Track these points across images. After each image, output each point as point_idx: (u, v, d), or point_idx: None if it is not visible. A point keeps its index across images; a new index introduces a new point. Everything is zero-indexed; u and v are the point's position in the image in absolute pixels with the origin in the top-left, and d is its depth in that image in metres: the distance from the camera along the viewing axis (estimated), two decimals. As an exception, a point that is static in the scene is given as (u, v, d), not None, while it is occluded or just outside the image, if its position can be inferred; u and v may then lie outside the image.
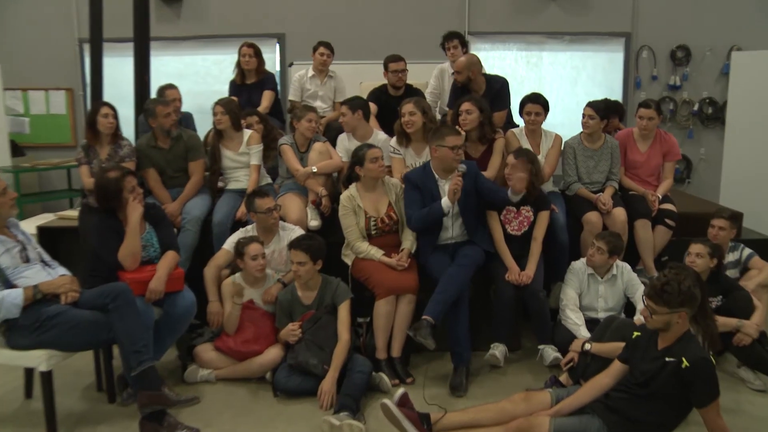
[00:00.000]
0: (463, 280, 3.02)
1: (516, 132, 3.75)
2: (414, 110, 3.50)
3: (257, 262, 3.08)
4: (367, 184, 3.27)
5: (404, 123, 3.51)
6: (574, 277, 3.25)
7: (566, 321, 3.13)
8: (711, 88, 5.99)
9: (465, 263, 3.09)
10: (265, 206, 3.19)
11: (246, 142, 3.72)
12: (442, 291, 2.96)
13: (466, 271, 3.06)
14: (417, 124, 3.50)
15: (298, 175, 3.59)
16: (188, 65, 6.05)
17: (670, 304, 2.20)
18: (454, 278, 2.99)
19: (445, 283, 2.99)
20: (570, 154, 3.73)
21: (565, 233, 3.45)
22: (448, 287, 2.96)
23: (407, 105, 3.52)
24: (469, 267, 3.09)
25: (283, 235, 3.27)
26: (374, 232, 3.24)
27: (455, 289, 2.97)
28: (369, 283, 3.12)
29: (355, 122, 3.71)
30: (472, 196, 3.20)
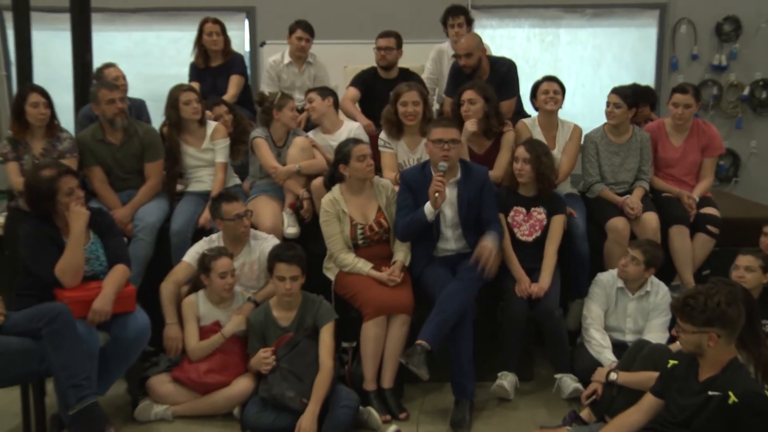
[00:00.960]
0: (465, 297, 3.02)
1: (528, 123, 3.77)
2: (419, 100, 3.55)
3: (225, 281, 3.08)
4: (353, 185, 3.27)
5: (404, 113, 3.54)
6: (600, 291, 3.27)
7: (589, 343, 3.15)
8: (766, 68, 5.87)
9: (468, 278, 3.08)
10: (234, 212, 3.19)
11: (210, 137, 3.73)
12: (440, 311, 2.96)
13: (469, 288, 3.06)
14: (420, 115, 3.55)
15: (278, 174, 3.59)
16: (138, 43, 5.96)
17: (694, 322, 2.21)
18: (454, 296, 2.99)
19: (444, 301, 2.98)
20: (592, 149, 3.72)
21: (585, 243, 3.47)
22: (448, 306, 2.96)
23: (410, 93, 3.54)
24: (472, 282, 3.07)
25: (255, 246, 3.27)
26: (361, 241, 3.25)
27: (456, 309, 2.96)
28: (355, 301, 3.13)
29: (324, 109, 3.81)
30: (475, 204, 3.19)
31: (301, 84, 4.49)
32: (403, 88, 3.59)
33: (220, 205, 3.21)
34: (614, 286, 3.27)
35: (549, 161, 3.32)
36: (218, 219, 3.23)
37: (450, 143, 3.12)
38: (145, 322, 2.89)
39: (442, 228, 3.22)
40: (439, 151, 3.12)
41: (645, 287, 3.24)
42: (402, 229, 3.21)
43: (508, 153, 3.62)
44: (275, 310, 3.06)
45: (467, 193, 3.20)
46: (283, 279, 2.97)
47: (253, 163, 3.84)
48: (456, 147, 3.15)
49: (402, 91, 3.58)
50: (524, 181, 3.36)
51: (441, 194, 3.06)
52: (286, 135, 3.77)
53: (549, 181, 3.33)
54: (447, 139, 3.12)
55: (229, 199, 3.23)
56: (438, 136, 3.13)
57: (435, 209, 3.09)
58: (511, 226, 3.36)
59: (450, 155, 3.11)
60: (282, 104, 3.69)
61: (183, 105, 3.67)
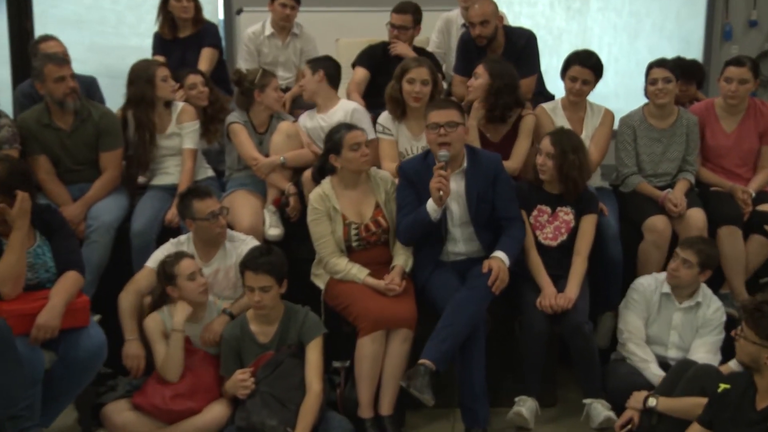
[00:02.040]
0: (477, 309, 3.06)
1: (548, 107, 3.79)
2: (428, 79, 3.57)
3: (197, 282, 3.09)
4: (347, 178, 3.31)
5: (409, 92, 3.56)
6: (639, 298, 3.28)
7: (631, 358, 3.18)
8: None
9: (479, 286, 3.10)
10: (208, 209, 3.20)
11: (176, 119, 3.77)
12: (447, 325, 2.99)
13: (482, 297, 3.08)
14: (428, 96, 3.58)
15: (259, 167, 3.63)
16: (91, 8, 5.85)
17: (761, 332, 2.26)
18: (464, 307, 3.03)
19: (452, 313, 3.02)
20: (628, 135, 3.75)
21: (618, 245, 3.49)
22: (456, 320, 3.00)
23: (419, 69, 3.56)
24: (484, 291, 3.09)
25: (231, 249, 3.30)
26: (356, 243, 3.28)
27: (466, 322, 3.00)
28: (349, 313, 3.16)
29: (314, 86, 3.82)
30: (488, 198, 3.23)
31: (285, 59, 4.51)
32: (411, 63, 3.63)
33: (190, 203, 3.22)
34: (657, 291, 3.29)
35: (578, 159, 3.31)
36: (188, 219, 3.25)
37: (447, 127, 3.13)
38: (100, 339, 2.91)
39: (449, 227, 3.26)
40: (435, 138, 3.14)
41: (696, 297, 3.26)
42: (404, 231, 3.25)
43: (527, 140, 3.65)
44: (253, 324, 3.08)
45: (476, 185, 3.24)
46: (252, 290, 2.99)
47: (229, 153, 3.86)
48: (455, 131, 3.15)
49: (410, 66, 3.60)
50: (546, 178, 3.38)
51: (444, 190, 3.07)
52: (268, 119, 3.80)
53: (574, 184, 3.33)
54: (443, 123, 3.13)
55: (201, 194, 3.24)
56: (433, 119, 3.16)
57: (439, 207, 3.11)
58: (533, 227, 3.38)
59: (449, 141, 3.13)
60: (264, 83, 3.71)
61: (161, 82, 3.71)
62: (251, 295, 3.02)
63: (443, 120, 3.15)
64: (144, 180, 3.87)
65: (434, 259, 3.28)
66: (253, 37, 4.51)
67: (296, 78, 4.51)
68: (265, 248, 3.15)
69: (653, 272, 3.42)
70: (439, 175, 3.08)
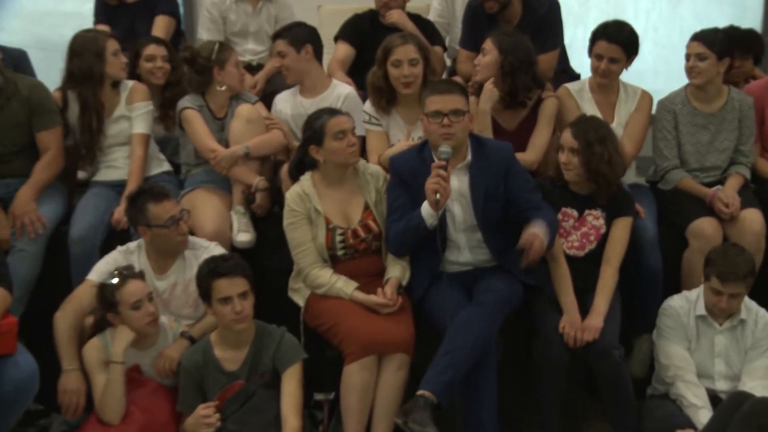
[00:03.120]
0: (486, 330, 3.07)
1: (573, 89, 3.81)
2: (417, 57, 3.59)
3: (144, 311, 3.05)
4: (330, 174, 3.32)
5: (396, 78, 3.57)
6: (673, 323, 3.28)
7: (680, 401, 3.14)
8: None
9: (488, 302, 3.13)
10: (167, 214, 3.20)
11: (125, 99, 3.77)
12: (450, 349, 3.00)
13: (491, 316, 3.10)
14: (420, 79, 3.60)
15: (219, 160, 3.63)
16: None
17: None
18: (470, 327, 3.04)
19: (457, 335, 3.02)
20: (668, 121, 3.76)
21: (656, 253, 3.52)
22: (461, 343, 3.00)
23: (405, 47, 3.57)
24: (495, 308, 3.12)
25: (191, 259, 3.29)
26: (342, 252, 3.30)
27: (472, 347, 3.01)
28: (334, 335, 3.18)
29: (302, 65, 3.83)
30: (498, 196, 3.24)
31: (256, 29, 4.53)
32: (395, 41, 3.62)
33: (144, 207, 3.20)
34: (691, 314, 3.28)
35: (607, 151, 3.29)
36: (142, 226, 3.23)
37: (451, 116, 3.14)
38: (30, 368, 2.91)
39: (450, 233, 3.27)
40: (437, 129, 3.16)
41: (738, 314, 3.24)
42: (394, 239, 3.27)
43: (548, 128, 3.66)
44: (218, 349, 3.07)
45: (484, 182, 3.23)
46: (229, 300, 2.98)
47: (184, 145, 3.87)
48: (461, 120, 3.16)
49: (393, 45, 3.61)
50: (571, 177, 3.38)
51: (443, 193, 3.05)
52: (229, 102, 3.81)
53: (606, 182, 3.33)
54: (447, 111, 3.14)
55: (158, 196, 3.23)
56: (434, 106, 3.16)
57: (436, 211, 3.10)
58: (557, 235, 3.38)
59: (453, 133, 3.14)
60: (223, 58, 3.72)
61: (112, 57, 3.73)
62: (228, 307, 2.99)
63: (447, 107, 3.15)
64: (85, 175, 3.89)
65: (434, 269, 3.28)
66: (217, 2, 4.52)
67: (270, 52, 4.50)
68: (225, 254, 3.19)
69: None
70: (437, 174, 3.06)
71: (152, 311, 3.10)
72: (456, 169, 3.25)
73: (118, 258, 3.29)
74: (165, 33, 4.44)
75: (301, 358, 3.08)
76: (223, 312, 3.02)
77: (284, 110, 3.93)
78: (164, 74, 4.04)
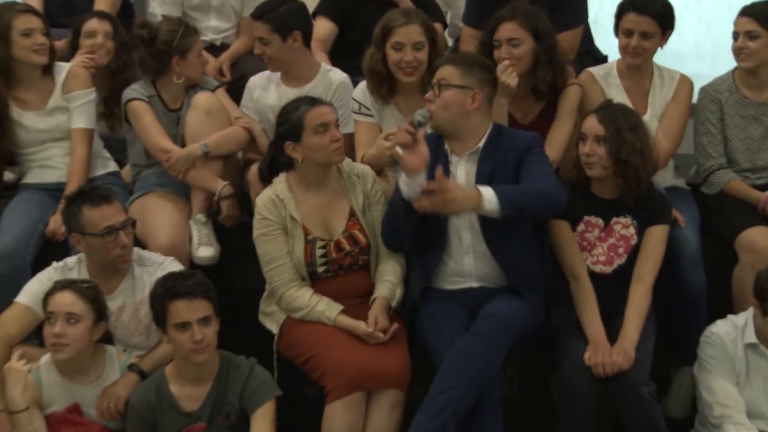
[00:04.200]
0: (486, 364, 3.06)
1: (598, 73, 3.82)
2: (422, 40, 3.60)
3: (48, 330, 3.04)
4: (310, 175, 3.34)
5: (397, 63, 3.59)
6: (719, 354, 3.27)
7: None
8: None
9: (488, 331, 3.12)
10: (104, 222, 3.18)
11: (62, 86, 3.79)
12: (445, 388, 3.01)
13: (492, 347, 3.10)
14: (424, 65, 3.61)
15: (173, 162, 3.65)
16: None
17: None
18: (467, 362, 3.03)
19: (452, 371, 3.03)
20: (712, 112, 3.79)
21: (699, 269, 3.53)
22: (457, 380, 3.00)
23: (408, 27, 3.58)
24: (496, 338, 3.11)
25: (142, 277, 3.30)
26: (323, 269, 3.31)
27: (469, 384, 3.01)
28: (313, 368, 3.17)
29: (288, 55, 3.84)
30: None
31: (220, 2, 4.51)
32: (397, 20, 3.60)
33: (79, 210, 3.18)
34: (739, 342, 3.26)
35: (639, 141, 3.28)
36: (77, 234, 3.21)
37: (437, 87, 3.22)
38: None
39: (451, 231, 3.29)
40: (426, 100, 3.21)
41: None
42: (384, 224, 3.31)
43: (569, 121, 3.65)
44: (174, 385, 3.05)
45: (489, 169, 3.22)
46: (187, 326, 2.95)
47: (133, 143, 3.84)
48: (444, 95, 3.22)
49: (394, 24, 3.59)
50: (596, 173, 3.33)
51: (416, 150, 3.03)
52: (184, 91, 3.79)
53: (637, 178, 3.29)
54: (434, 81, 3.24)
55: (96, 199, 3.20)
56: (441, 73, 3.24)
57: (409, 175, 3.04)
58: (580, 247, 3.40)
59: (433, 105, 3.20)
60: (186, 46, 3.70)
61: (20, 37, 3.69)
62: (186, 335, 2.96)
63: (435, 78, 3.24)
64: (13, 177, 3.87)
65: (428, 274, 3.31)
66: None
67: (237, 30, 4.57)
68: (185, 271, 3.17)
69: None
70: (403, 128, 3.07)
71: (57, 332, 3.05)
72: (463, 156, 3.28)
73: (53, 276, 3.26)
74: (110, 7, 4.39)
75: (274, 396, 3.07)
76: (181, 340, 3.00)
77: (264, 100, 3.90)
78: (107, 54, 4.01)
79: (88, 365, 3.19)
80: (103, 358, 3.23)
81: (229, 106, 3.87)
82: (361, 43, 3.99)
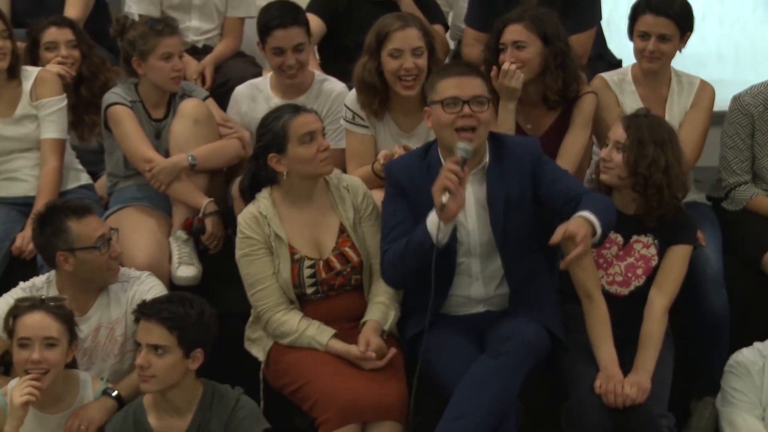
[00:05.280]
0: (504, 389, 3.00)
1: (611, 78, 3.78)
2: (421, 46, 3.54)
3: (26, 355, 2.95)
4: (296, 189, 3.28)
5: (394, 72, 3.53)
6: (743, 385, 3.22)
7: None
8: None
9: (508, 352, 3.04)
10: (94, 233, 3.15)
11: (30, 93, 3.74)
12: (458, 416, 2.95)
13: (512, 371, 3.03)
14: (424, 74, 3.54)
15: (156, 172, 3.59)
16: None
17: None
18: (483, 387, 2.97)
19: (467, 397, 2.97)
20: (742, 126, 3.73)
21: (721, 292, 3.47)
22: (472, 409, 2.94)
23: (406, 32, 3.53)
24: (516, 360, 3.04)
25: (118, 294, 3.26)
26: (312, 290, 3.25)
27: (486, 413, 2.94)
28: (303, 398, 3.11)
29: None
30: (523, 206, 3.18)
31: (202, 1, 4.48)
32: (392, 24, 3.54)
33: (63, 226, 3.13)
34: (766, 372, 3.21)
35: (665, 158, 3.21)
36: (63, 252, 3.14)
37: (474, 103, 3.06)
38: None
39: (460, 256, 3.19)
40: (455, 120, 3.06)
41: None
42: (391, 265, 3.16)
43: (584, 132, 3.61)
44: (153, 415, 2.99)
45: (504, 188, 3.13)
46: (138, 347, 2.92)
47: (111, 151, 3.79)
48: (484, 110, 3.08)
49: (390, 28, 3.53)
50: (609, 179, 3.28)
51: (456, 195, 2.92)
52: (168, 98, 3.73)
53: (659, 197, 3.22)
54: (468, 97, 3.06)
55: (79, 211, 3.16)
56: (451, 92, 3.07)
57: (446, 222, 2.98)
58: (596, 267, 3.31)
59: (476, 127, 3.06)
60: (146, 48, 3.62)
61: None
62: (138, 357, 2.91)
63: (468, 94, 3.06)
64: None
65: (438, 305, 3.20)
66: None
67: (221, 32, 4.51)
68: (178, 296, 3.06)
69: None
70: (449, 170, 2.92)
71: (36, 358, 2.97)
72: (471, 174, 3.15)
73: (20, 296, 3.19)
74: (83, 6, 4.36)
75: (262, 429, 2.99)
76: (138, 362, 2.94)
77: (253, 113, 3.81)
78: (73, 65, 3.93)
79: (60, 392, 3.11)
80: (76, 383, 3.15)
81: (219, 117, 3.82)
82: (356, 46, 3.94)
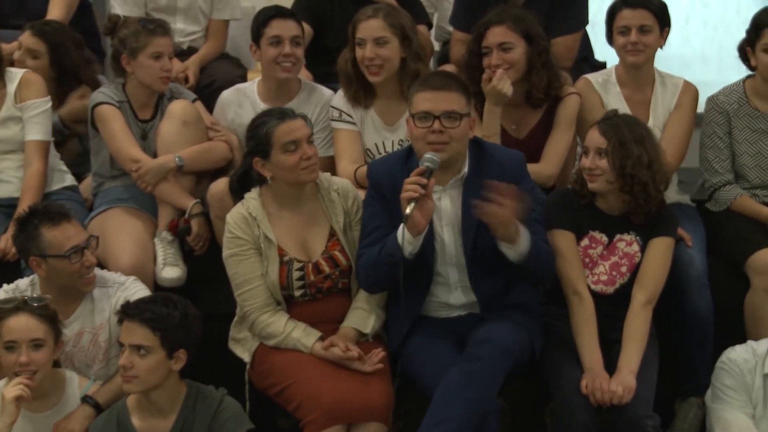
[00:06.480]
0: (482, 393, 3.03)
1: (595, 81, 3.80)
2: (386, 35, 3.60)
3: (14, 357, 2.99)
4: (284, 193, 3.31)
5: (361, 60, 3.59)
6: (735, 383, 3.21)
7: None
8: None
9: (484, 356, 3.06)
10: (68, 242, 3.16)
11: (14, 95, 3.76)
12: (437, 421, 2.98)
13: (489, 376, 3.05)
14: (391, 64, 3.59)
15: (143, 173, 3.62)
16: None
17: None
18: (461, 392, 2.99)
19: (444, 403, 2.99)
20: (719, 125, 3.77)
21: (705, 293, 3.50)
22: (450, 412, 2.97)
23: (369, 22, 3.60)
24: (494, 364, 3.07)
25: (101, 300, 3.28)
26: (300, 293, 3.28)
27: (465, 417, 2.97)
28: (288, 400, 3.14)
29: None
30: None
31: (187, 3, 4.49)
32: (361, 15, 3.62)
33: (36, 231, 3.14)
34: (758, 371, 3.19)
35: (646, 154, 3.24)
36: (35, 257, 3.16)
37: (444, 119, 3.09)
38: None
39: (438, 266, 3.24)
40: (425, 134, 3.11)
41: None
42: (364, 269, 3.22)
43: (568, 133, 3.65)
44: (137, 417, 3.01)
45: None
46: (121, 348, 2.94)
47: (97, 152, 3.80)
48: (457, 126, 3.11)
49: (358, 19, 3.61)
50: (599, 187, 3.29)
51: (422, 207, 2.98)
52: (156, 99, 3.75)
53: (645, 194, 3.26)
54: (439, 113, 3.09)
55: (54, 217, 3.17)
56: (423, 106, 3.12)
57: (415, 235, 3.03)
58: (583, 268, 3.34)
59: (446, 142, 3.09)
60: (137, 46, 3.64)
61: None
62: (121, 358, 2.93)
63: (440, 107, 3.10)
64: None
65: (414, 312, 3.25)
66: None
67: (206, 34, 4.54)
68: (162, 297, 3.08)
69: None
70: (413, 182, 2.98)
71: (24, 361, 3.01)
72: (448, 184, 3.20)
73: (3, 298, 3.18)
74: (66, 6, 4.33)
75: (246, 430, 3.01)
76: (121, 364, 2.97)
77: (240, 120, 3.84)
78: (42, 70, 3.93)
79: (47, 390, 3.13)
80: (62, 382, 3.18)
81: (207, 120, 3.84)
82: (339, 48, 3.99)
